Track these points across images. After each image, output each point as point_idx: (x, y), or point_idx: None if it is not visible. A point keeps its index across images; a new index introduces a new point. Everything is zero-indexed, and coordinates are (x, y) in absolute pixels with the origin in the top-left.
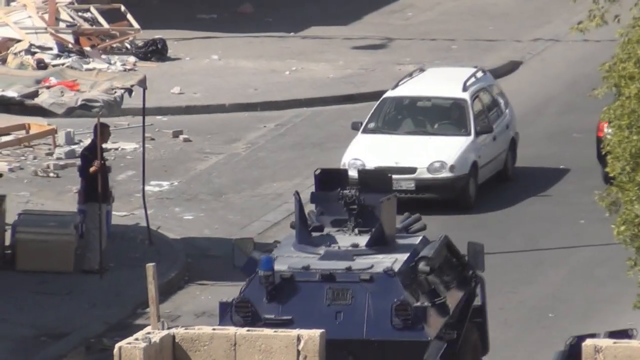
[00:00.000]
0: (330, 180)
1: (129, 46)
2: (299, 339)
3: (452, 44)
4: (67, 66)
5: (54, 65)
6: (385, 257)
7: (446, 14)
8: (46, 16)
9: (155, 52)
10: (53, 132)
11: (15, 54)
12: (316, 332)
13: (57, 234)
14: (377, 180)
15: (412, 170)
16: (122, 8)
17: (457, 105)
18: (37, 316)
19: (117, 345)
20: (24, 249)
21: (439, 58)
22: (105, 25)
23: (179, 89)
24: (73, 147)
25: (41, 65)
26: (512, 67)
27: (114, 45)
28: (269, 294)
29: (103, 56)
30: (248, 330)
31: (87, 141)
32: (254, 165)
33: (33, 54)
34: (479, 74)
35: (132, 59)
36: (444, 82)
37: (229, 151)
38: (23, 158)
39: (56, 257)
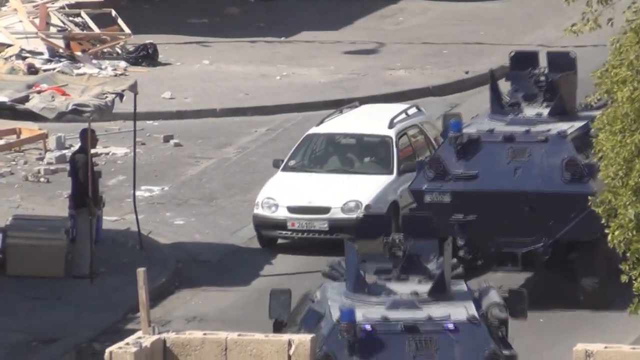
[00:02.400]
0: (523, 60)
1: (119, 51)
2: (289, 343)
3: (443, 49)
4: (58, 71)
5: (44, 70)
6: (564, 124)
7: (437, 19)
8: (37, 21)
9: (146, 57)
10: (44, 137)
11: (5, 58)
12: (307, 337)
13: (47, 239)
14: (563, 59)
15: (326, 210)
16: (113, 13)
17: (381, 143)
18: (28, 321)
19: (107, 350)
20: (14, 253)
21: (430, 63)
22: (96, 30)
23: (169, 94)
24: (64, 151)
25: (32, 70)
26: (502, 72)
27: (105, 50)
28: (457, 153)
29: (94, 61)
30: (239, 335)
31: (77, 146)
32: (244, 170)
33: (24, 58)
34: (411, 111)
35: (122, 63)
36: (371, 119)
37: (219, 156)
38: (14, 163)
39: (47, 262)
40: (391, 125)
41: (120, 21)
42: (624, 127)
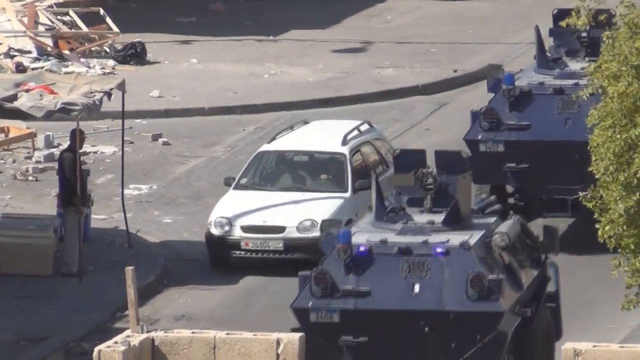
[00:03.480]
0: (565, 17)
1: (108, 50)
2: (278, 342)
3: (431, 47)
4: (46, 69)
5: (33, 69)
6: None
7: (426, 18)
8: (25, 19)
9: (134, 55)
10: (32, 136)
11: None
12: (295, 336)
13: (36, 237)
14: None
15: (281, 229)
16: (101, 11)
17: (334, 160)
18: (16, 320)
19: (96, 349)
20: (3, 252)
21: (419, 62)
22: (84, 28)
23: (158, 93)
24: (52, 150)
25: (20, 68)
26: (491, 70)
27: (93, 49)
28: (510, 105)
29: (82, 59)
30: (227, 334)
31: (66, 145)
32: (233, 169)
33: (12, 57)
34: (364, 127)
35: (111, 62)
36: (323, 136)
37: (208, 154)
38: (2, 161)
39: (35, 260)
40: (344, 142)
41: (108, 20)
42: (614, 122)
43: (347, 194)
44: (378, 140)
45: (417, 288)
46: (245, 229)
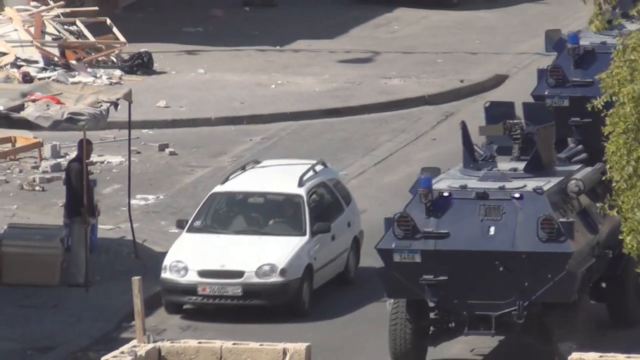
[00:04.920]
0: None
1: (114, 59)
2: (284, 352)
3: (438, 57)
4: (53, 79)
5: (39, 79)
6: None
7: (432, 28)
8: (32, 29)
9: (141, 65)
10: (39, 146)
11: (0, 67)
12: (302, 346)
13: (42, 248)
14: None
15: (239, 274)
16: (108, 21)
17: (291, 202)
18: (22, 330)
19: (102, 359)
20: (9, 262)
21: (425, 72)
22: (91, 38)
23: (164, 103)
24: (59, 160)
25: (27, 78)
26: (498, 80)
27: (100, 59)
28: (575, 63)
29: (89, 69)
30: (234, 344)
31: (73, 155)
32: None
33: (19, 67)
34: (318, 167)
35: (117, 72)
36: (278, 177)
37: (215, 165)
38: (9, 171)
39: (42, 270)
40: (301, 183)
41: (115, 30)
42: (627, 128)
43: (305, 237)
44: (332, 181)
45: (492, 230)
46: (202, 273)
